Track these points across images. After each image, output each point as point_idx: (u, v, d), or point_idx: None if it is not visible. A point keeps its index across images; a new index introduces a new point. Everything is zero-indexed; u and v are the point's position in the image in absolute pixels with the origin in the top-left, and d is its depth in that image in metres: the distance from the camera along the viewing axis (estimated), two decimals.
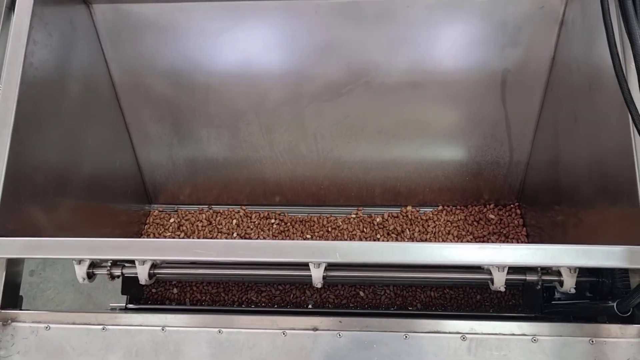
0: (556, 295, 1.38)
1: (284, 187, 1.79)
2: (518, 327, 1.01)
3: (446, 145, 1.66)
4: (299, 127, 1.62)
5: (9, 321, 1.08)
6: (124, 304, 1.63)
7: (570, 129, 1.35)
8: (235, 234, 1.80)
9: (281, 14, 1.40)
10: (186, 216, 1.86)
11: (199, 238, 1.79)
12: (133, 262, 1.12)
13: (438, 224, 1.76)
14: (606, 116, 1.14)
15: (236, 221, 1.82)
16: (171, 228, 1.84)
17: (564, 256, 0.95)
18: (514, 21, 1.36)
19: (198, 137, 1.67)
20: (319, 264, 1.02)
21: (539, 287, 1.15)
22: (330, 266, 1.08)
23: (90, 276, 1.15)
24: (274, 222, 1.81)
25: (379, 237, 1.75)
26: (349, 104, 1.55)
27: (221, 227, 1.82)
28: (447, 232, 1.75)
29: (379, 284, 1.67)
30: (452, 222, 1.77)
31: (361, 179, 1.75)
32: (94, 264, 1.16)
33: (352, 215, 1.82)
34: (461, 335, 1.01)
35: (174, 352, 1.03)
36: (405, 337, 1.02)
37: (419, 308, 1.66)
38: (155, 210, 1.89)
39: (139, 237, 1.79)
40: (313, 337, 1.03)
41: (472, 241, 1.72)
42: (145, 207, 1.88)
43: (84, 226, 1.44)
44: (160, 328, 1.06)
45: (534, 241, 1.67)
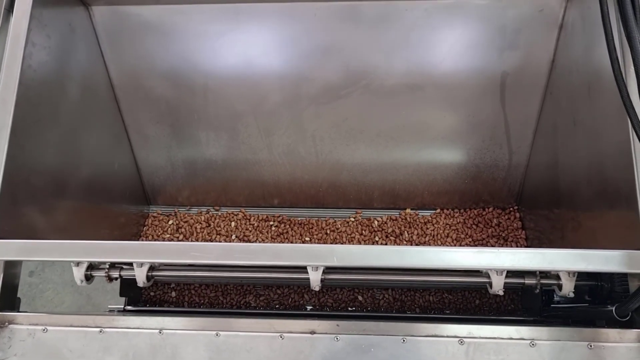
0: (555, 299, 1.37)
1: (282, 190, 1.79)
2: (516, 331, 1.00)
3: (445, 148, 1.65)
4: (297, 129, 1.62)
5: (6, 323, 1.08)
6: (123, 306, 1.63)
7: (570, 132, 1.34)
8: (234, 236, 1.80)
9: (280, 17, 1.40)
10: (185, 218, 1.86)
11: (198, 240, 1.78)
12: (131, 264, 1.12)
13: (437, 226, 1.76)
14: (605, 120, 1.13)
15: (235, 223, 1.82)
16: (170, 230, 1.84)
17: (562, 261, 0.95)
18: (513, 24, 1.36)
19: (197, 139, 1.67)
20: (316, 267, 1.02)
21: (538, 290, 1.15)
22: (329, 269, 1.08)
23: (88, 278, 1.16)
24: (272, 224, 1.81)
25: (377, 240, 1.75)
26: (348, 106, 1.55)
27: (220, 230, 1.81)
28: (445, 235, 1.74)
29: (377, 287, 1.67)
30: (451, 225, 1.77)
31: (360, 182, 1.75)
32: (92, 266, 1.16)
33: (350, 217, 1.82)
34: (459, 339, 1.01)
35: (171, 355, 1.03)
36: (403, 340, 1.01)
37: (417, 312, 1.65)
38: (154, 212, 1.89)
39: (138, 239, 1.79)
40: (311, 340, 1.02)
41: (471, 244, 1.72)
42: (144, 209, 1.88)
43: (82, 228, 1.44)
44: (158, 331, 1.05)
45: (533, 244, 1.67)
